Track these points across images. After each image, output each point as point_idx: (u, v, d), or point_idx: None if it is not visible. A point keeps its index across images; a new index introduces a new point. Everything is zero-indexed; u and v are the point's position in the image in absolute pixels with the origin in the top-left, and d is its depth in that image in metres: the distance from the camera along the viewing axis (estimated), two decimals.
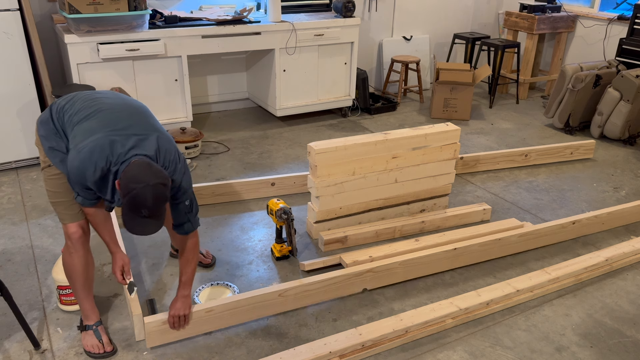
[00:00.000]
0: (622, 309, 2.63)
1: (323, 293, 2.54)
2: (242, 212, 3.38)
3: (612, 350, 2.36)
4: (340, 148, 2.89)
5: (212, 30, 4.14)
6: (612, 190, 3.85)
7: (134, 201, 1.79)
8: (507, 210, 3.52)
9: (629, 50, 4.90)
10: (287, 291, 2.43)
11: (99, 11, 3.65)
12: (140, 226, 1.85)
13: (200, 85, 4.94)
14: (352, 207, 3.09)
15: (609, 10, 5.55)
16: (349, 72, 4.91)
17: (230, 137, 4.55)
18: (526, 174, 4.07)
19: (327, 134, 4.69)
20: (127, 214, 1.83)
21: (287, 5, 4.82)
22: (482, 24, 6.34)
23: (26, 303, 2.50)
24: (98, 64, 3.86)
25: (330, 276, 2.52)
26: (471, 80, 5.03)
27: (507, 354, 2.32)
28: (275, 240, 2.90)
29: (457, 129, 3.16)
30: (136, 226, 1.85)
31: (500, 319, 2.52)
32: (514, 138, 4.77)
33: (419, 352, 2.31)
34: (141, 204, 1.79)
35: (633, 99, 4.48)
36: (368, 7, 5.55)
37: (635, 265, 2.97)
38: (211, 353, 2.26)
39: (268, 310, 2.44)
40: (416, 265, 2.73)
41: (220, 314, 2.33)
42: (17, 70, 3.63)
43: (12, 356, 2.21)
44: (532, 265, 2.95)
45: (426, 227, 3.23)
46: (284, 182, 3.58)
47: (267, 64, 4.66)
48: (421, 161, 3.15)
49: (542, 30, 5.55)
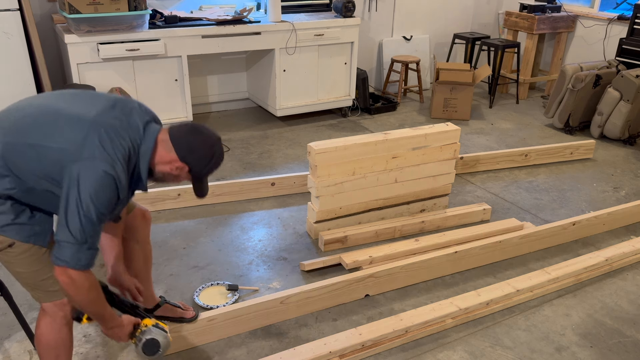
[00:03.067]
0: (622, 309, 2.63)
1: (325, 299, 2.53)
2: (242, 212, 3.38)
3: (612, 350, 2.36)
4: (340, 148, 2.89)
5: (212, 30, 4.14)
6: (612, 190, 3.85)
7: (219, 160, 1.73)
8: (507, 210, 3.52)
9: (629, 50, 4.90)
10: (288, 298, 2.43)
11: (99, 11, 3.65)
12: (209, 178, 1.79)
13: (200, 85, 4.94)
14: (352, 207, 3.09)
15: (609, 10, 5.55)
16: (349, 72, 4.91)
17: (230, 137, 4.55)
18: (526, 174, 4.07)
19: (327, 134, 4.69)
20: (206, 175, 1.73)
21: (287, 5, 4.81)
22: (482, 24, 6.34)
23: (26, 303, 2.50)
24: (98, 64, 3.85)
25: (331, 282, 2.52)
26: (471, 80, 5.03)
27: (507, 354, 2.32)
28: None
29: (457, 129, 3.16)
30: (207, 184, 1.79)
31: (500, 319, 2.52)
32: (514, 138, 4.77)
33: (419, 352, 2.31)
34: (222, 157, 1.74)
35: (633, 99, 4.48)
36: (368, 7, 5.55)
37: (635, 265, 2.97)
38: (211, 353, 2.26)
39: (270, 318, 2.42)
40: (418, 270, 2.73)
41: (222, 323, 2.31)
42: (17, 70, 3.63)
43: (12, 356, 2.21)
44: (532, 265, 2.95)
45: (426, 227, 3.23)
46: (284, 182, 3.58)
47: (267, 64, 4.66)
48: (421, 161, 3.14)
49: (542, 30, 5.55)
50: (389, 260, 2.81)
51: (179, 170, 1.69)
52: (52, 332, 1.77)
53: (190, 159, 1.67)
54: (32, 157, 1.54)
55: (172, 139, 1.66)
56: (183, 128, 1.70)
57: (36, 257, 1.65)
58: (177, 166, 1.68)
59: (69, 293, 1.58)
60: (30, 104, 1.66)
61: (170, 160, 1.67)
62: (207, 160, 1.70)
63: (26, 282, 1.70)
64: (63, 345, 1.80)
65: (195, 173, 1.71)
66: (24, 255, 1.63)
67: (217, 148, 1.72)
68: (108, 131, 1.55)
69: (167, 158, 1.66)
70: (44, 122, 1.57)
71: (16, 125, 1.58)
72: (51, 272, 1.65)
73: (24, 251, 1.63)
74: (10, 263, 1.65)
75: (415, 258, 2.74)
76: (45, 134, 1.54)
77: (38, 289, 1.71)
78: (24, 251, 1.63)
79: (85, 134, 1.53)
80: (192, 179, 1.75)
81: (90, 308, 1.66)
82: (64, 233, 1.50)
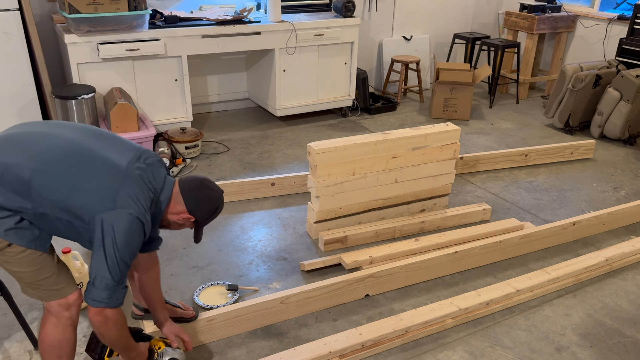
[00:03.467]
0: (622, 309, 2.63)
1: (325, 299, 2.53)
2: (242, 212, 3.38)
3: (612, 350, 2.36)
4: (340, 148, 2.89)
5: (212, 30, 4.14)
6: (612, 190, 3.85)
7: (220, 211, 1.92)
8: (507, 210, 3.52)
9: (629, 50, 4.90)
10: (288, 298, 2.43)
11: (99, 11, 3.65)
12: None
13: (200, 85, 4.94)
14: (352, 207, 3.09)
15: (609, 10, 5.55)
16: (349, 72, 4.91)
17: (230, 137, 4.55)
18: (526, 174, 4.07)
19: (327, 134, 4.69)
20: (207, 224, 1.92)
21: (287, 5, 4.81)
22: (482, 24, 6.34)
23: (26, 303, 2.50)
24: (98, 64, 3.85)
25: (331, 282, 2.52)
26: (471, 80, 5.03)
27: (507, 354, 2.32)
28: None
29: (457, 129, 3.16)
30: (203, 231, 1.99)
31: (500, 319, 2.52)
32: (514, 138, 4.77)
33: (419, 352, 2.31)
34: (222, 208, 1.94)
35: (633, 99, 4.48)
36: (368, 7, 5.55)
37: (635, 265, 2.97)
38: (211, 353, 2.26)
39: (270, 318, 2.42)
40: (418, 270, 2.73)
41: (222, 322, 2.31)
42: (17, 71, 3.64)
43: (12, 356, 2.21)
44: (532, 265, 2.95)
45: (426, 227, 3.22)
46: (284, 182, 3.58)
47: (267, 64, 4.66)
48: (421, 161, 3.14)
49: (542, 30, 5.55)
50: (389, 260, 2.81)
51: (185, 220, 1.85)
52: (57, 332, 1.79)
53: (197, 212, 1.84)
54: (63, 191, 1.61)
55: (182, 193, 1.82)
56: (194, 183, 1.86)
57: (35, 257, 1.67)
58: (185, 217, 1.83)
59: (103, 331, 1.69)
60: (59, 135, 1.71)
61: (179, 212, 1.82)
62: (211, 213, 1.88)
63: (26, 282, 1.72)
64: (67, 346, 1.82)
65: (199, 223, 1.89)
66: (22, 255, 1.65)
67: (220, 202, 1.90)
68: (139, 182, 1.68)
69: (177, 209, 1.82)
70: (80, 162, 1.65)
71: (49, 155, 1.64)
72: (51, 271, 1.71)
73: (22, 251, 1.65)
74: (9, 263, 1.66)
75: (415, 258, 2.74)
76: (81, 174, 1.63)
77: (39, 288, 1.73)
78: (22, 251, 1.65)
79: (119, 185, 1.64)
80: (195, 228, 1.92)
81: (120, 343, 1.77)
82: (103, 276, 1.61)
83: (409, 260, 2.70)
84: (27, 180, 1.59)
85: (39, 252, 1.68)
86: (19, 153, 1.63)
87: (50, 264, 1.71)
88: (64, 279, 1.76)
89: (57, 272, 1.74)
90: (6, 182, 1.59)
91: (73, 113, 3.66)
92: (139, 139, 3.73)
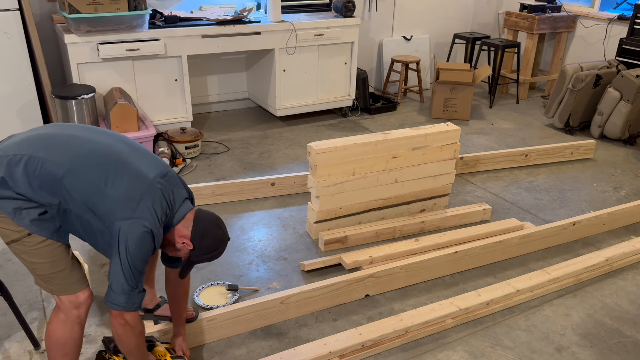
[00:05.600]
0: (622, 309, 2.62)
1: (325, 299, 2.53)
2: (242, 212, 3.38)
3: (612, 350, 2.36)
4: (340, 148, 2.89)
5: (212, 30, 4.14)
6: (612, 190, 3.85)
7: (216, 257, 1.91)
8: (507, 210, 3.52)
9: (629, 50, 4.90)
10: (288, 298, 2.42)
11: (99, 11, 3.65)
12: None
13: (200, 85, 4.94)
14: (352, 207, 3.09)
15: (609, 10, 5.55)
16: (349, 72, 4.91)
17: (230, 137, 4.55)
18: (526, 174, 4.07)
19: (327, 134, 4.69)
20: (199, 262, 1.91)
21: (287, 5, 4.81)
22: (482, 24, 6.34)
23: (26, 303, 2.50)
24: (98, 64, 3.85)
25: (331, 282, 2.52)
26: (471, 80, 5.03)
27: (507, 354, 2.32)
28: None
29: (457, 129, 3.16)
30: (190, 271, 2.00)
31: (500, 319, 2.52)
32: (514, 138, 4.77)
33: (419, 352, 2.31)
34: (219, 255, 1.93)
35: (633, 99, 4.48)
36: (368, 7, 5.55)
37: (635, 265, 2.97)
38: (211, 353, 2.26)
39: (270, 318, 2.42)
40: (418, 270, 2.73)
41: (222, 323, 2.31)
42: (17, 70, 3.64)
43: (12, 356, 2.21)
44: (532, 265, 2.95)
45: (426, 227, 3.22)
46: (284, 182, 3.58)
47: (267, 64, 4.66)
48: (421, 161, 3.14)
49: (542, 30, 5.55)
50: (389, 260, 2.81)
51: (183, 246, 1.85)
52: (64, 329, 1.82)
53: (197, 243, 1.84)
54: (90, 194, 1.68)
55: (195, 219, 1.85)
56: (209, 216, 1.89)
57: (52, 249, 1.73)
58: (185, 242, 1.83)
59: (121, 334, 1.76)
60: (98, 141, 1.78)
61: (182, 235, 1.83)
62: (208, 251, 1.87)
63: (40, 274, 1.75)
64: (73, 344, 1.85)
65: (193, 255, 1.87)
66: (40, 245, 1.70)
67: (222, 246, 1.91)
68: (161, 197, 1.73)
69: (182, 232, 1.83)
70: (112, 169, 1.72)
71: (86, 159, 1.71)
72: (65, 265, 1.76)
73: (42, 241, 1.70)
74: (26, 253, 1.71)
75: (415, 258, 2.74)
76: (111, 181, 1.69)
77: (51, 282, 1.76)
78: (42, 241, 1.70)
79: (141, 195, 1.69)
80: (187, 259, 1.90)
81: (137, 351, 1.83)
82: (119, 281, 1.68)
83: (409, 260, 2.70)
84: (59, 178, 1.66)
85: (57, 243, 1.74)
86: (59, 152, 1.70)
87: (65, 258, 1.76)
88: (77, 275, 1.80)
89: (70, 267, 1.78)
90: (39, 175, 1.66)
91: (73, 113, 3.65)
92: (139, 139, 3.73)
